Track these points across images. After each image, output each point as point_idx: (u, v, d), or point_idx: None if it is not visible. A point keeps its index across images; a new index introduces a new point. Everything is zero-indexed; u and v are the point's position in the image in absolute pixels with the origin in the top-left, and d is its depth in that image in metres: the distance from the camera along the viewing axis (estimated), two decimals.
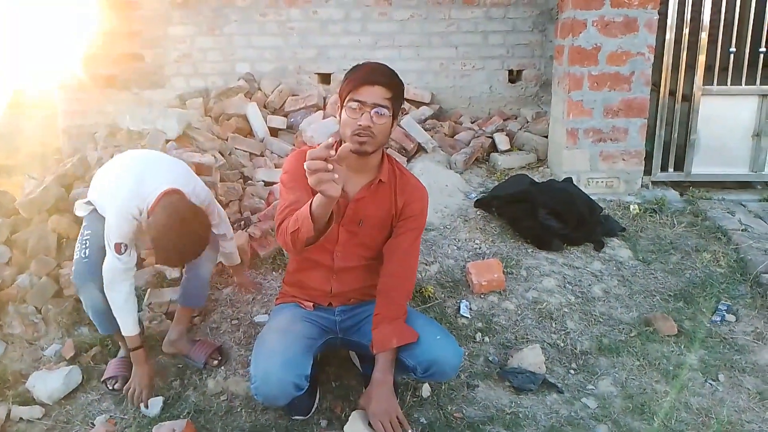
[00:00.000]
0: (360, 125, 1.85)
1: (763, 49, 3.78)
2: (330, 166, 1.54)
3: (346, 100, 1.89)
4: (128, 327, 2.22)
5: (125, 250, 2.14)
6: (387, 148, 4.08)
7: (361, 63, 1.95)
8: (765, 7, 3.69)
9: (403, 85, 1.96)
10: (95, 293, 2.21)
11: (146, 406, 2.20)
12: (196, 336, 2.55)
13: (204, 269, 2.40)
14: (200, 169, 3.29)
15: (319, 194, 1.63)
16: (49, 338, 2.60)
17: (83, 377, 2.37)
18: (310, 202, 1.71)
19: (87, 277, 2.23)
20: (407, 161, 4.09)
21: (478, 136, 4.48)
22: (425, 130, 4.42)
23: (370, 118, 1.85)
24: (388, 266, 2.07)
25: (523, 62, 5.05)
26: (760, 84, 3.86)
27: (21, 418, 2.21)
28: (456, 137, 4.52)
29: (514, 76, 5.11)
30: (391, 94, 1.87)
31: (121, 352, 2.40)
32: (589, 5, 3.59)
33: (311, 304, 2.15)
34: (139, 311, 2.32)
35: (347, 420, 1.98)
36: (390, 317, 2.00)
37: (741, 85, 3.88)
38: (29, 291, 2.69)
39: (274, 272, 2.99)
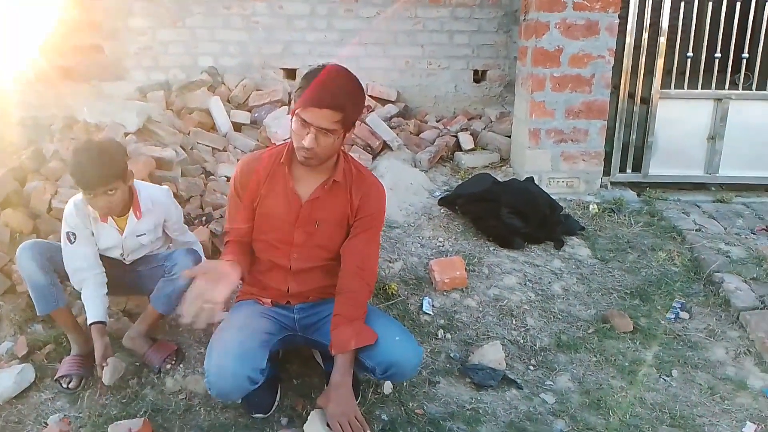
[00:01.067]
0: (303, 144, 1.84)
1: (718, 54, 3.89)
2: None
3: (295, 111, 1.84)
4: (90, 312, 2.27)
5: (74, 240, 2.23)
6: (352, 145, 4.02)
7: (320, 66, 1.86)
8: (721, 13, 3.80)
9: (358, 98, 1.89)
10: (30, 265, 2.23)
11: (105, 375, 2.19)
12: (157, 333, 2.50)
13: (182, 279, 2.34)
14: (161, 164, 3.23)
15: None
16: (1, 335, 2.52)
17: (36, 376, 2.30)
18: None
19: (26, 246, 2.27)
20: (372, 159, 4.09)
21: (442, 135, 4.51)
22: (391, 128, 4.43)
23: (314, 139, 1.82)
24: (346, 267, 2.04)
25: (488, 62, 5.10)
26: (716, 88, 3.97)
27: None
28: (421, 136, 4.55)
29: (479, 76, 5.16)
30: (340, 117, 1.80)
31: (74, 350, 2.35)
32: (552, 8, 3.65)
33: (269, 300, 2.13)
34: None
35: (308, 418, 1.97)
36: (349, 318, 1.97)
37: (697, 89, 3.99)
38: None
39: None
